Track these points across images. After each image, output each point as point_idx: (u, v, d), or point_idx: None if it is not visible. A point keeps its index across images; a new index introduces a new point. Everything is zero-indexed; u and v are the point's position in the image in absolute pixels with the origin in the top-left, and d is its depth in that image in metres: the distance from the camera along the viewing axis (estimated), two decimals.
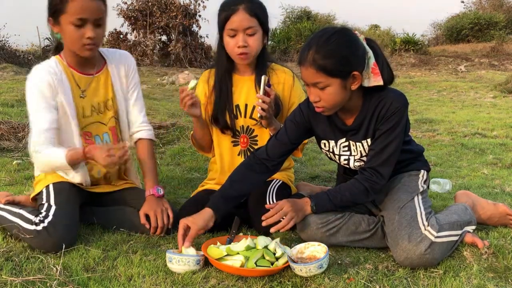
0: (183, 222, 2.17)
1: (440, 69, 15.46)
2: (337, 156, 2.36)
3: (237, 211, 2.52)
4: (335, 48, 2.03)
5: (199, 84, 2.77)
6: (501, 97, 9.14)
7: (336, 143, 2.34)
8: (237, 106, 2.70)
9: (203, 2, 17.46)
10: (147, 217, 2.41)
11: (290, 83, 2.72)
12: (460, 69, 15.52)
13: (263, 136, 2.74)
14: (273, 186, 2.63)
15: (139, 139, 2.65)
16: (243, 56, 2.55)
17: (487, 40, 23.45)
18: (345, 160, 2.35)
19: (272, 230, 2.17)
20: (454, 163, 4.27)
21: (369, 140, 2.26)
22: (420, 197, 2.27)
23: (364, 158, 2.29)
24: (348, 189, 2.26)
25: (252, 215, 2.49)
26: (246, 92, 2.69)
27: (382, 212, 2.31)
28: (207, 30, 17.33)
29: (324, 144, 2.37)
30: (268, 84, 2.53)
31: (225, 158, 2.79)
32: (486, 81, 11.88)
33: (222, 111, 2.68)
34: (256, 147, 2.73)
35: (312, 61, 2.04)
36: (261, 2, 2.61)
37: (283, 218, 2.20)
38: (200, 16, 17.66)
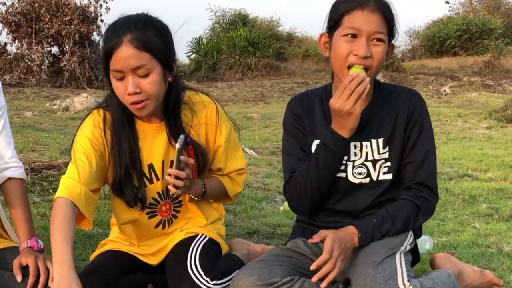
0: None
1: (418, 90, 16.35)
2: None
3: (152, 276, 2.65)
4: None
5: (85, 140, 2.68)
6: (498, 128, 9.79)
7: None
8: (151, 166, 2.78)
9: (106, 2, 17.54)
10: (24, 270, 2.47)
11: (213, 120, 2.84)
12: (444, 90, 16.51)
13: (187, 196, 2.86)
14: (197, 244, 2.74)
15: (8, 178, 2.72)
16: (138, 106, 2.59)
17: (479, 52, 25.08)
18: (341, 166, 2.58)
19: (323, 285, 2.36)
20: (436, 214, 4.54)
21: (381, 140, 2.56)
22: (403, 256, 2.46)
23: (369, 164, 2.56)
24: (397, 211, 2.51)
25: (171, 282, 2.60)
26: (160, 146, 2.77)
27: (349, 271, 2.47)
28: None
29: (316, 145, 2.60)
30: (188, 142, 2.65)
31: (135, 231, 2.88)
32: (479, 106, 12.69)
33: (127, 178, 2.72)
34: (180, 209, 2.88)
35: None
36: (162, 24, 2.63)
37: None
38: (102, 21, 17.80)
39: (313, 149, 2.62)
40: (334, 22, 2.55)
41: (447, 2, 33.55)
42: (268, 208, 4.81)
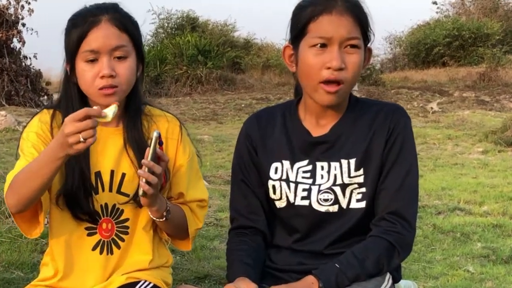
0: None
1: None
2: (291, 188, 2.62)
3: None
4: None
5: (33, 134, 2.81)
6: (495, 152, 9.87)
7: (292, 165, 2.62)
8: (98, 174, 2.84)
9: (29, 3, 17.36)
10: None
11: (176, 135, 2.96)
12: (431, 108, 16.70)
13: (138, 221, 2.90)
14: None
15: None
16: (109, 91, 2.72)
17: (473, 62, 25.50)
18: (304, 191, 2.60)
19: None
20: (422, 255, 4.57)
21: (352, 161, 2.56)
22: None
23: (337, 188, 2.56)
24: (366, 252, 2.48)
25: None
26: (112, 152, 2.86)
27: None
28: (36, 47, 17.16)
29: (276, 169, 2.65)
30: (160, 142, 2.68)
31: (70, 254, 2.87)
32: (472, 126, 12.84)
33: (74, 183, 2.79)
34: (126, 237, 2.88)
35: None
36: (131, 15, 2.85)
37: None
38: (24, 25, 17.53)
39: (272, 172, 2.65)
40: (298, 31, 2.56)
41: (435, 3, 34.01)
42: (222, 247, 4.79)
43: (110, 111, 2.55)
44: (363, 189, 2.57)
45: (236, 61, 27.03)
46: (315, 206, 2.59)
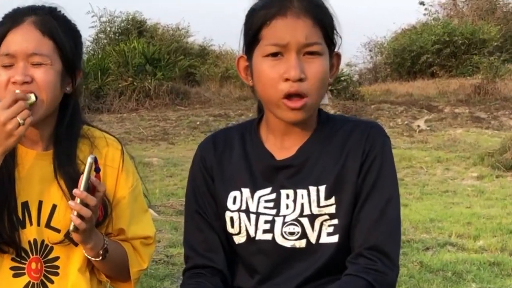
0: None
1: (382, 125, 16.61)
2: (251, 220, 2.59)
3: None
4: None
5: None
6: (492, 178, 9.94)
7: (253, 194, 2.60)
8: (25, 204, 2.81)
9: None
10: None
11: (116, 162, 2.95)
12: (418, 126, 16.82)
13: (70, 261, 2.87)
14: None
15: None
16: None
17: (467, 72, 25.73)
18: (266, 223, 2.57)
19: None
20: None
21: (322, 188, 2.53)
22: None
23: (305, 220, 2.53)
24: None
25: None
26: (39, 180, 2.83)
27: None
28: None
29: (234, 198, 2.62)
30: (96, 169, 2.67)
31: None
32: (466, 147, 12.93)
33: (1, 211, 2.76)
34: (56, 278, 2.85)
35: None
36: (71, 22, 2.88)
37: None
38: None
39: (230, 202, 2.63)
40: (251, 38, 2.53)
41: (422, 3, 34.26)
42: None
43: (31, 94, 2.66)
44: (335, 221, 2.55)
45: (190, 72, 27.08)
46: (279, 240, 2.56)
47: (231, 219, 2.62)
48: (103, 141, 2.95)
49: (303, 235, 2.54)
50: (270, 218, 2.56)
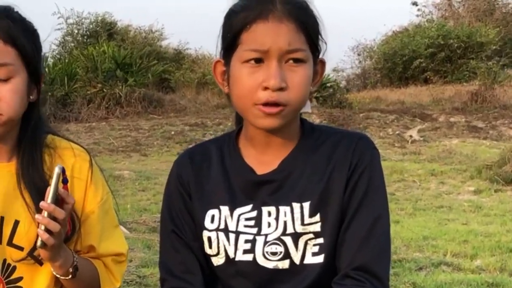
0: None
1: (372, 136, 16.67)
2: (230, 240, 2.58)
3: None
4: None
5: None
6: (490, 192, 9.95)
7: (232, 211, 2.59)
8: None
9: None
10: None
11: (84, 174, 2.94)
12: (411, 136, 16.89)
13: (35, 281, 2.86)
14: None
15: None
16: None
17: (463, 79, 25.84)
18: (247, 243, 2.56)
19: None
20: None
21: (306, 205, 2.53)
22: None
23: (288, 239, 2.52)
24: None
25: None
26: (1, 194, 2.82)
27: None
28: None
29: (212, 217, 2.61)
30: (64, 180, 2.65)
31: None
32: (462, 159, 12.96)
33: None
34: None
35: None
36: (31, 23, 2.85)
37: None
38: None
39: (208, 221, 2.62)
40: (229, 42, 2.53)
41: (415, 3, 34.38)
42: None
43: None
44: (321, 240, 2.55)
45: (165, 77, 27.09)
46: (261, 261, 2.56)
47: (209, 239, 2.62)
48: (70, 151, 2.93)
49: (286, 255, 2.54)
50: (250, 237, 2.56)
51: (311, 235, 2.54)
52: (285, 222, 2.54)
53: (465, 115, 19.17)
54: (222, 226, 2.59)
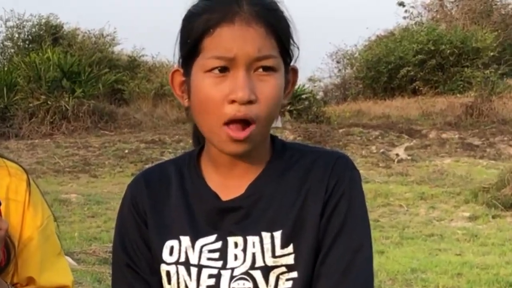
0: None
1: (353, 154, 16.76)
2: (192, 275, 2.54)
3: None
4: None
5: None
6: (488, 218, 10.01)
7: (194, 242, 2.54)
8: None
9: None
10: None
11: (21, 196, 2.91)
12: (397, 154, 17.01)
13: None
14: None
15: None
16: None
17: (456, 89, 26.10)
18: (210, 278, 2.50)
19: None
20: None
21: (278, 234, 2.49)
22: None
23: (257, 273, 2.48)
24: None
25: None
26: None
27: None
28: None
29: (171, 248, 2.56)
30: None
31: None
32: (456, 181, 13.05)
33: None
34: None
35: None
36: None
37: None
38: None
39: (166, 253, 2.58)
40: (189, 49, 2.48)
41: (402, 4, 34.56)
42: None
43: None
44: (294, 274, 2.52)
45: (117, 88, 27.18)
46: None
47: (168, 273, 2.59)
48: (4, 170, 2.90)
49: None
50: (215, 271, 2.53)
51: (284, 269, 2.52)
52: (253, 254, 2.51)
53: (459, 131, 19.34)
54: (182, 259, 2.56)
